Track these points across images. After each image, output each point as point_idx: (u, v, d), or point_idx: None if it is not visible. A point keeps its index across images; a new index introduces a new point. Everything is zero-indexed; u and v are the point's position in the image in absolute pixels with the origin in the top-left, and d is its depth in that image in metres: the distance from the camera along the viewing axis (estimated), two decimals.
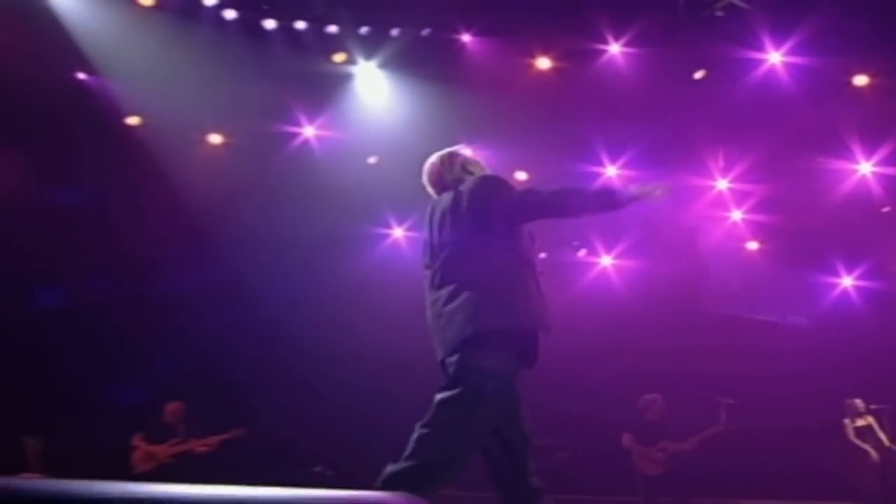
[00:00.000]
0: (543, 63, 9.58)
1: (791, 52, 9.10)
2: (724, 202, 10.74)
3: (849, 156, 9.75)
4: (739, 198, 10.67)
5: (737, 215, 10.97)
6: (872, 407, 9.11)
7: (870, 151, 9.71)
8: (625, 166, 10.04)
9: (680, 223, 10.65)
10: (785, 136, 9.40)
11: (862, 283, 11.03)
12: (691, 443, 8.42)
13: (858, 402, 9.21)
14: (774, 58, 9.15)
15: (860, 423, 9.18)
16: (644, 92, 9.26)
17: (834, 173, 9.92)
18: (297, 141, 10.08)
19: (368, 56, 9.51)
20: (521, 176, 9.83)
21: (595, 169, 10.03)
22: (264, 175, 9.75)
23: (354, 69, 9.61)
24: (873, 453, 8.93)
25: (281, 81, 9.12)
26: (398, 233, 10.92)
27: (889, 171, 9.83)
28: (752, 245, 11.31)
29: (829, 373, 9.39)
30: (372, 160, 10.26)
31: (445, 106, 8.94)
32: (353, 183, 10.02)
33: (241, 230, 9.58)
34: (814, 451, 8.89)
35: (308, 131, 10.05)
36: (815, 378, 9.13)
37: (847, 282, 11.14)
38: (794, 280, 11.20)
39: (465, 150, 3.90)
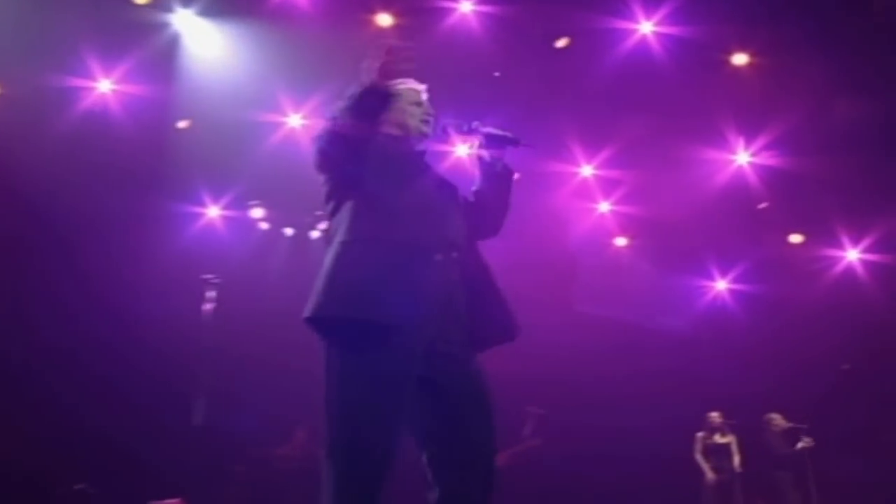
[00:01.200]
0: (384, 20, 8.38)
1: (664, 22, 8.51)
2: (590, 191, 10.25)
3: (724, 144, 9.36)
4: (606, 187, 10.20)
5: (604, 207, 10.51)
6: (731, 422, 8.90)
7: (748, 140, 9.31)
8: (485, 141, 8.81)
9: (545, 212, 10.15)
10: (655, 119, 8.91)
11: (737, 287, 10.85)
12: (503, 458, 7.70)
13: (716, 416, 8.92)
14: (646, 27, 8.58)
15: (718, 439, 8.90)
16: (497, 59, 8.70)
17: (708, 163, 9.52)
18: (89, 97, 8.65)
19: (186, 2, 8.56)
20: None
21: (440, 146, 8.80)
22: (44, 137, 8.24)
23: (170, 17, 8.64)
24: (710, 475, 8.65)
25: (66, 18, 7.98)
26: (213, 212, 10.08)
27: (768, 162, 9.45)
28: (621, 241, 10.90)
29: (698, 381, 9.44)
30: (182, 124, 9.14)
31: (273, 64, 8.47)
32: (159, 151, 9.13)
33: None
34: (664, 464, 8.77)
35: (103, 86, 8.54)
36: (681, 386, 9.25)
37: (721, 285, 10.95)
38: (665, 280, 10.87)
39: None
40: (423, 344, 3.00)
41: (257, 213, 10.10)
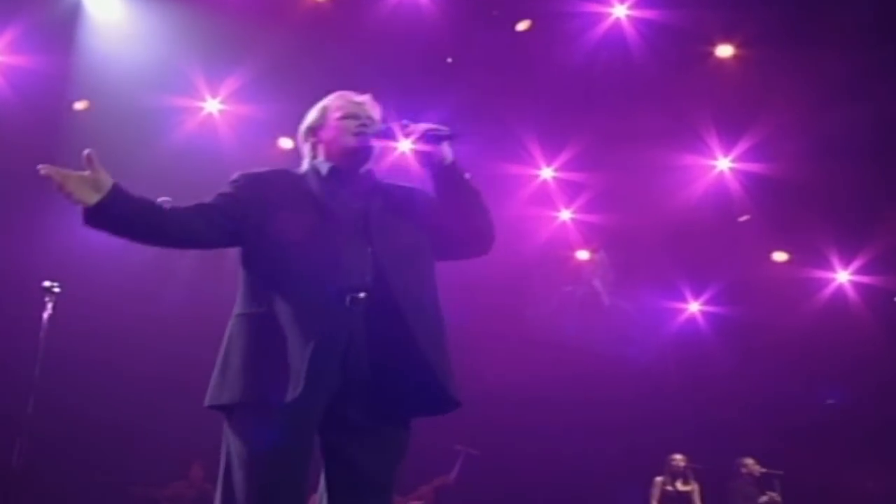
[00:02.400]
0: None
1: (640, 5, 8.19)
2: (550, 197, 9.89)
3: (703, 148, 9.05)
4: (568, 192, 9.88)
5: (565, 215, 10.17)
6: (696, 466, 8.59)
7: (729, 143, 8.98)
8: (417, 140, 8.27)
9: (497, 220, 8.76)
10: (626, 116, 8.63)
11: (711, 309, 10.53)
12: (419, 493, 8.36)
13: (679, 458, 8.56)
14: (619, 11, 8.26)
15: (680, 486, 8.50)
16: (447, 42, 8.41)
17: (684, 169, 9.20)
18: None
19: None
20: (286, 143, 8.90)
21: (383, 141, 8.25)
22: None
23: None
24: None
25: None
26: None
27: (751, 168, 9.14)
28: (583, 254, 10.56)
29: (661, 416, 9.35)
30: (80, 105, 8.60)
31: (188, 39, 8.11)
32: (50, 135, 8.40)
33: None
34: None
35: None
36: (642, 422, 9.18)
37: (694, 307, 10.65)
38: (630, 301, 10.60)
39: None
40: (316, 412, 2.86)
41: None
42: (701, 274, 10.24)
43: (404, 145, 3.13)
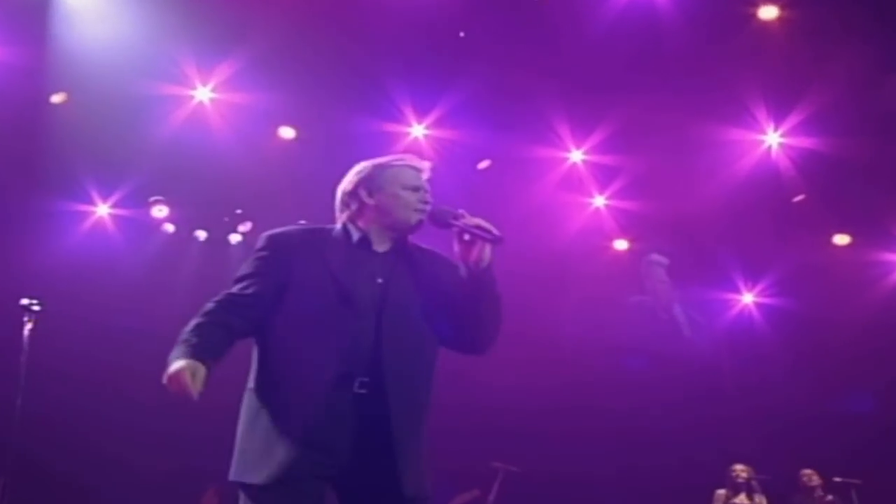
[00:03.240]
0: None
1: None
2: (581, 181, 9.84)
3: (750, 122, 8.90)
4: (601, 176, 9.83)
5: (599, 201, 10.13)
6: (761, 477, 8.51)
7: (779, 116, 8.86)
8: (436, 125, 9.07)
9: (524, 208, 9.66)
10: (663, 90, 8.49)
11: (767, 301, 10.59)
12: None
13: (741, 469, 8.51)
14: None
15: (744, 501, 8.44)
16: (461, 13, 8.20)
17: (729, 146, 9.07)
18: None
19: None
20: (286, 133, 9.16)
21: (392, 126, 9.02)
22: None
23: None
24: None
25: None
26: (102, 210, 9.71)
27: (805, 144, 9.01)
28: (621, 244, 10.53)
29: (718, 423, 9.38)
30: (57, 99, 8.56)
31: (175, 22, 7.98)
32: (27, 132, 8.57)
33: None
34: None
35: None
36: (696, 429, 9.24)
37: (747, 299, 10.69)
38: (675, 294, 10.62)
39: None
40: (318, 491, 3.17)
41: (160, 211, 9.72)
42: (754, 261, 10.22)
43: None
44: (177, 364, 3.01)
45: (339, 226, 3.40)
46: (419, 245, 3.41)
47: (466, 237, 3.19)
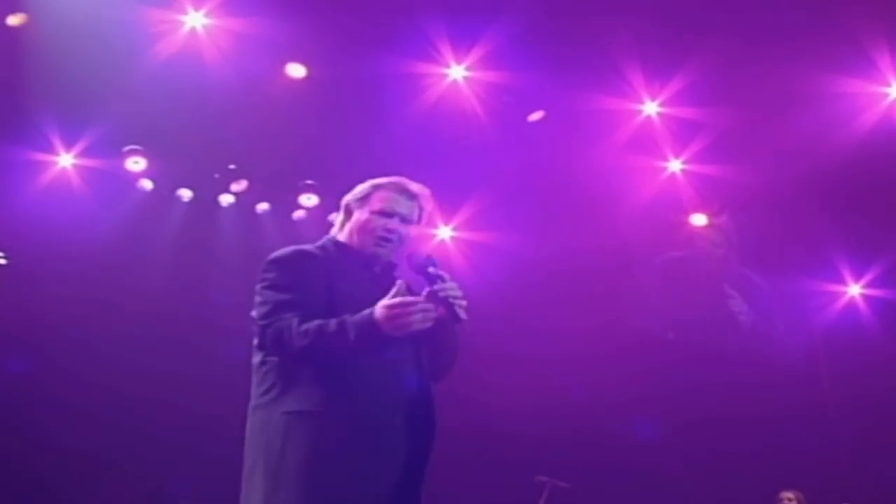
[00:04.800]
0: None
1: None
2: (655, 141, 9.78)
3: (869, 71, 8.74)
4: (679, 134, 9.75)
5: (675, 165, 10.06)
6: None
7: None
8: (478, 66, 9.00)
9: (584, 173, 9.97)
10: (758, 29, 8.41)
11: (878, 293, 10.68)
12: None
13: (791, 497, 8.80)
14: None
15: None
16: None
17: (840, 101, 8.89)
18: None
19: None
20: (296, 71, 9.09)
21: (424, 67, 8.98)
22: None
23: None
24: None
25: None
26: (66, 161, 9.74)
27: None
28: (699, 219, 10.45)
29: (811, 439, 9.75)
30: (14, 20, 8.45)
31: None
32: None
33: None
34: None
35: None
36: (786, 447, 9.51)
37: (854, 290, 10.72)
38: (765, 283, 10.77)
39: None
40: None
41: (136, 164, 9.63)
42: (865, 246, 10.22)
43: None
44: (372, 315, 3.51)
45: (329, 240, 4.06)
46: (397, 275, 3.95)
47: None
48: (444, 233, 10.78)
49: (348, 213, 4.05)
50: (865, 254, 10.36)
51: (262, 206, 10.24)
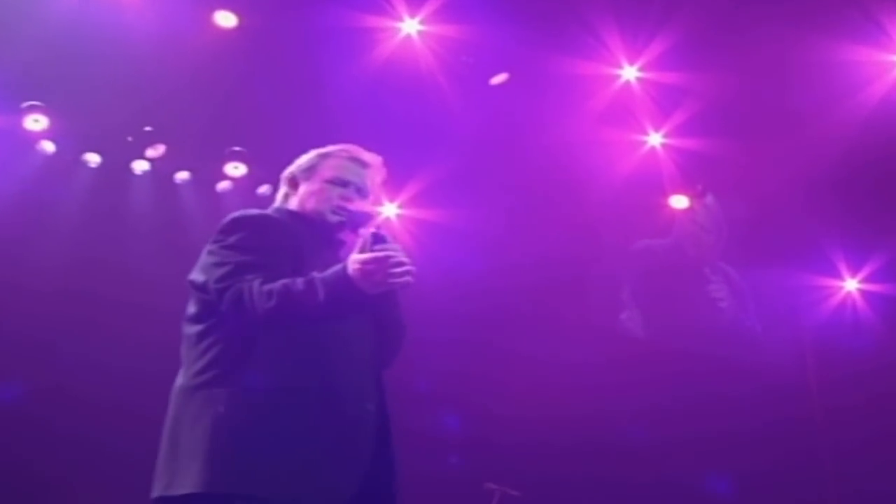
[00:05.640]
0: None
1: None
2: (632, 111, 9.74)
3: (881, 38, 8.67)
4: (660, 103, 9.67)
5: (654, 139, 9.99)
6: None
7: None
8: (433, 19, 8.87)
9: (553, 147, 9.95)
10: None
11: (878, 289, 10.78)
12: None
13: None
14: None
15: None
16: None
17: (848, 68, 8.80)
18: None
19: None
20: (225, 20, 8.90)
21: (372, 20, 8.88)
22: None
23: None
24: None
25: None
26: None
27: None
28: (680, 201, 10.39)
29: (800, 456, 9.98)
30: None
31: None
32: None
33: None
34: None
35: None
36: (772, 464, 9.62)
37: (851, 285, 10.80)
38: (754, 275, 10.87)
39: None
40: None
41: (35, 122, 9.43)
42: (865, 235, 10.25)
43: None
44: (344, 269, 3.60)
45: (279, 210, 4.19)
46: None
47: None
48: (390, 210, 10.53)
49: (293, 186, 4.18)
50: (865, 244, 10.45)
51: (182, 175, 10.03)
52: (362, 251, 3.64)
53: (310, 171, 4.17)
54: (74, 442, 9.07)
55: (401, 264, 3.63)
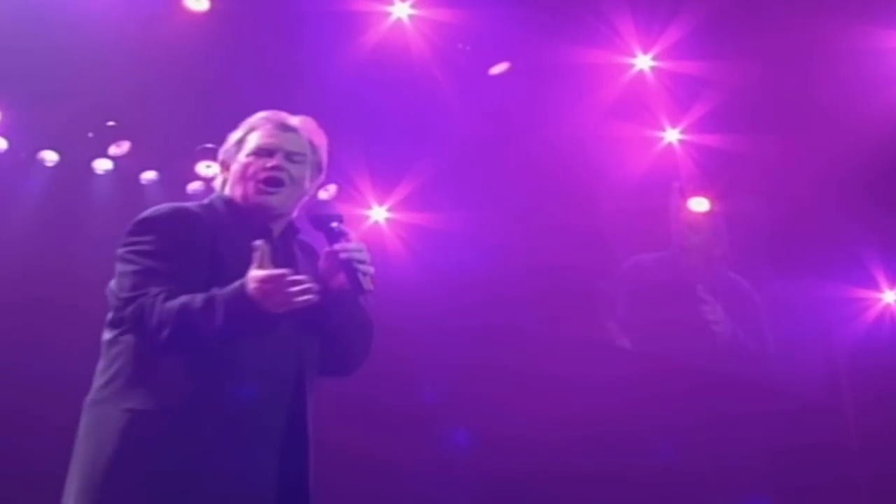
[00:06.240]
0: None
1: None
2: (647, 104, 9.71)
3: None
4: (677, 95, 9.66)
5: (671, 135, 9.93)
6: None
7: None
8: (428, 1, 8.93)
9: (561, 145, 9.90)
10: None
11: None
12: None
13: None
14: None
15: None
16: None
17: (886, 57, 8.78)
18: None
19: None
20: (196, 2, 8.97)
21: (359, 3, 8.88)
22: None
23: None
24: None
25: None
26: None
27: None
28: (700, 204, 10.33)
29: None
30: None
31: None
32: None
33: None
34: None
35: None
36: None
37: (890, 297, 10.68)
38: (781, 286, 10.58)
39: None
40: None
41: None
42: None
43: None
44: (243, 287, 3.49)
45: (216, 198, 4.15)
46: (302, 238, 4.18)
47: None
48: (378, 214, 10.41)
49: (226, 168, 4.12)
50: None
51: (149, 176, 9.92)
52: (260, 265, 3.53)
53: (237, 146, 4.11)
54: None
55: (299, 283, 3.51)
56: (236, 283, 3.51)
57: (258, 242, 3.60)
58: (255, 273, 3.48)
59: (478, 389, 9.76)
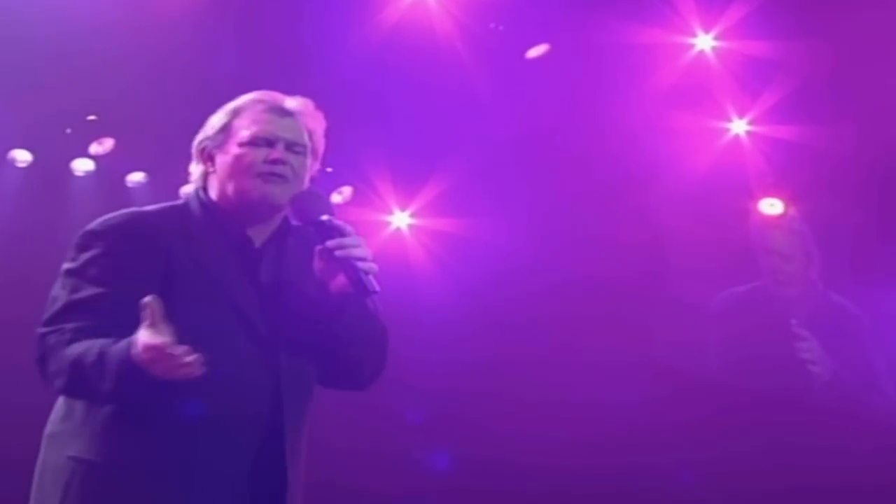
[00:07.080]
0: None
1: None
2: (709, 91, 9.59)
3: None
4: (744, 80, 9.57)
5: (738, 126, 9.78)
6: None
7: None
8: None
9: (612, 136, 9.82)
10: None
11: None
12: None
13: None
14: None
15: None
16: None
17: None
18: None
19: None
20: None
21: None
22: None
23: None
24: None
25: None
26: None
27: None
28: (771, 205, 10.02)
29: None
30: None
31: None
32: None
33: None
34: None
35: None
36: None
37: None
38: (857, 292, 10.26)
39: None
40: None
41: None
42: None
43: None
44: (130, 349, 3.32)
45: (193, 197, 4.01)
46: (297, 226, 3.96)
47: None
48: (400, 220, 10.30)
49: (208, 160, 3.95)
50: None
51: (136, 178, 9.90)
52: (151, 324, 3.31)
53: (223, 134, 3.94)
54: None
55: (185, 355, 3.28)
56: (124, 343, 3.37)
57: (147, 299, 3.36)
58: (139, 338, 3.31)
59: (509, 419, 9.71)
